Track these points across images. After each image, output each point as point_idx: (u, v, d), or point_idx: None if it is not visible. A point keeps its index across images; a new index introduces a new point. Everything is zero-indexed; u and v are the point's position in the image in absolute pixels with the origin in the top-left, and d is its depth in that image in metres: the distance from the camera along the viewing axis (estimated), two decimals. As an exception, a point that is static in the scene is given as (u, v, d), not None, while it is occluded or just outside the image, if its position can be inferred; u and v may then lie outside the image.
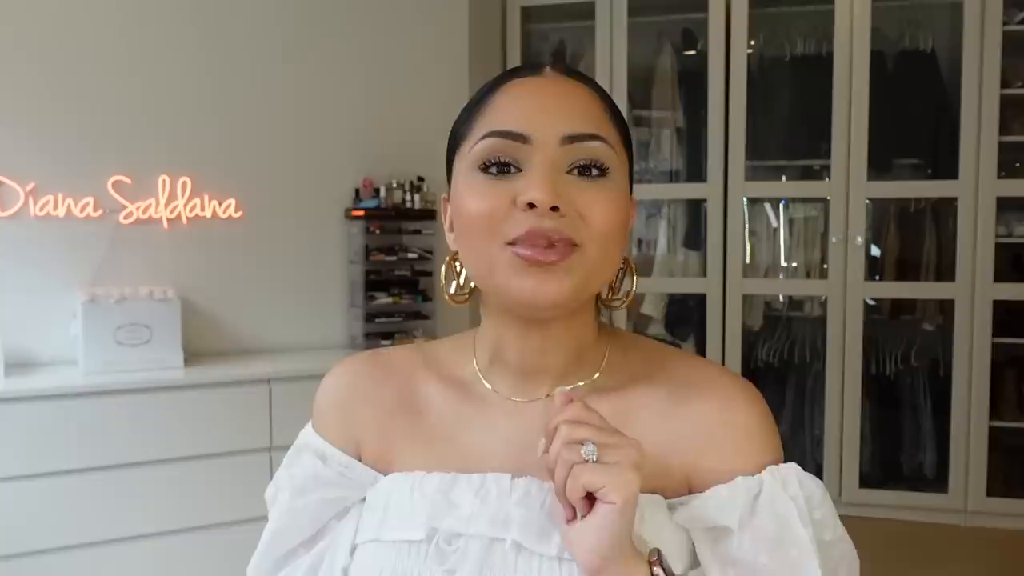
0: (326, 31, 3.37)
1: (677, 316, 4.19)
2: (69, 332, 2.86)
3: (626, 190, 0.76)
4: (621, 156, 0.75)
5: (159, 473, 2.70)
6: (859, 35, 3.67)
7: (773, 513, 0.72)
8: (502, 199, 0.71)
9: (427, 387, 0.84)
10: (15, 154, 2.88)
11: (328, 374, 0.88)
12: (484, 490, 0.76)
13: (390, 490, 0.80)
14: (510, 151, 0.72)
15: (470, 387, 0.82)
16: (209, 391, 2.78)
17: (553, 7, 4.01)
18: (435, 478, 0.78)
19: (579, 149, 0.72)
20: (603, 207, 0.71)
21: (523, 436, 0.78)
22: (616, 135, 0.75)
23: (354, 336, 3.40)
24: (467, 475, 0.78)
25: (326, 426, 0.86)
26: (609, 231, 0.72)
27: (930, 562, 3.35)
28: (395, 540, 0.77)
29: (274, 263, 3.30)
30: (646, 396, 0.78)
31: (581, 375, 0.80)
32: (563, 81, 0.76)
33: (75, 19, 2.96)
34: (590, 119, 0.73)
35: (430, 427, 0.82)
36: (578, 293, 0.72)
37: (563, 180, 0.71)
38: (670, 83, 4.11)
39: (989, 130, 3.60)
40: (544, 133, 0.71)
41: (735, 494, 0.73)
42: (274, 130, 3.29)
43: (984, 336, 3.66)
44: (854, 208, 3.74)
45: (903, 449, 4.02)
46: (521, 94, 0.74)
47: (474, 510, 0.75)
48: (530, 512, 0.73)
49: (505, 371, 0.80)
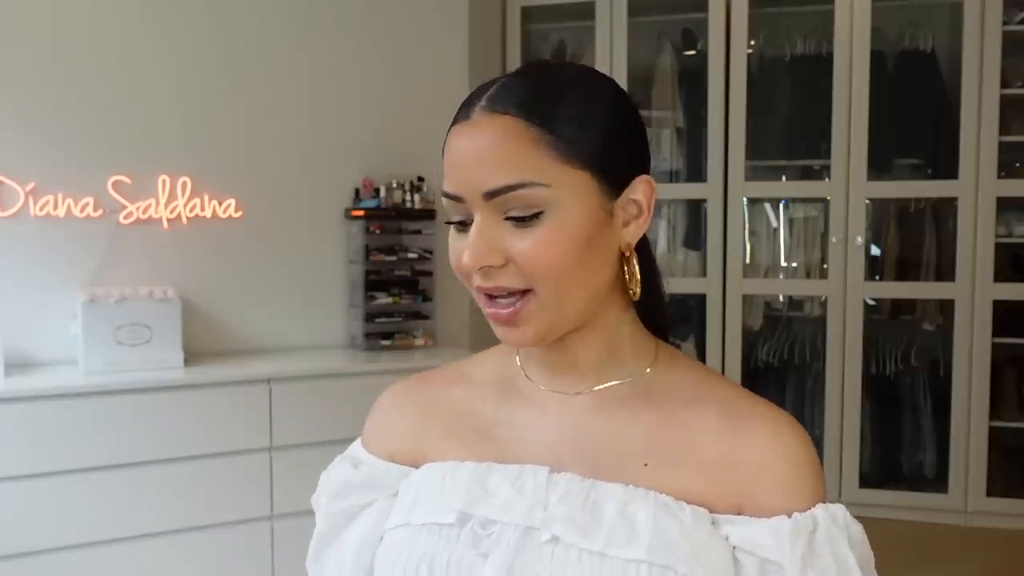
0: (326, 31, 3.37)
1: (677, 316, 4.19)
2: (69, 332, 2.86)
3: (576, 215, 0.72)
4: (566, 182, 0.71)
5: (159, 473, 2.70)
6: (859, 35, 3.67)
7: (832, 552, 0.73)
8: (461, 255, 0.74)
9: (465, 391, 0.86)
10: (15, 154, 2.88)
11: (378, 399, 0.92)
12: (521, 480, 0.76)
13: (421, 478, 0.81)
14: (459, 209, 0.74)
15: (511, 383, 0.84)
16: (209, 391, 2.78)
17: (553, 7, 4.01)
18: (469, 466, 0.79)
19: (505, 201, 0.71)
20: (536, 249, 0.71)
21: (561, 430, 0.79)
22: (552, 162, 0.71)
23: (354, 336, 3.40)
24: (502, 465, 0.78)
25: (367, 440, 0.90)
26: (553, 266, 0.71)
27: (930, 562, 3.35)
28: (425, 523, 0.77)
29: (274, 263, 3.30)
30: (697, 412, 0.77)
31: (622, 372, 0.80)
32: (486, 122, 0.72)
33: (75, 19, 2.96)
34: (510, 167, 0.70)
35: (466, 424, 0.83)
36: (548, 332, 0.75)
37: (500, 232, 0.72)
38: (670, 83, 4.11)
39: (989, 130, 3.60)
40: (470, 192, 0.72)
41: (794, 530, 0.72)
42: (274, 130, 3.29)
43: (984, 336, 3.66)
44: (854, 208, 3.74)
45: (903, 449, 4.02)
46: (453, 148, 0.74)
47: (510, 498, 0.75)
48: (571, 509, 0.73)
49: (542, 368, 0.82)
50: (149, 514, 2.69)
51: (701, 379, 0.81)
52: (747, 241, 3.97)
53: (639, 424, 0.78)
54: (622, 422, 0.78)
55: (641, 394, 0.79)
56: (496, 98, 0.73)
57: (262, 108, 3.26)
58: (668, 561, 0.70)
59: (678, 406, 0.78)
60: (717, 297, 3.90)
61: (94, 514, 2.61)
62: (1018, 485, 3.77)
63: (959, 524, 3.72)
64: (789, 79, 3.97)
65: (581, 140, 0.72)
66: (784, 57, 3.99)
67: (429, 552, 0.76)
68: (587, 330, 0.78)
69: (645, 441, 0.77)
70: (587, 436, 0.78)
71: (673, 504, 0.73)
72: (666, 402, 0.78)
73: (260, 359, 3.10)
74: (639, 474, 0.75)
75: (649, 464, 0.76)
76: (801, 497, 0.74)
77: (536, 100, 0.72)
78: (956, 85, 3.67)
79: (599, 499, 0.74)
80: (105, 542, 2.63)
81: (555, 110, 0.72)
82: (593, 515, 0.73)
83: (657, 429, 0.77)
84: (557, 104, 0.73)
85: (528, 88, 0.74)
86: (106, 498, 2.63)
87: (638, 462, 0.76)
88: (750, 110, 3.80)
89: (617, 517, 0.72)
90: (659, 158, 4.17)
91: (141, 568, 2.68)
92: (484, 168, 0.71)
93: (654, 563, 0.70)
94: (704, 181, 3.89)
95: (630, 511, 0.72)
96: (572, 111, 0.73)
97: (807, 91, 3.90)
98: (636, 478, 0.75)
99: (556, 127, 0.72)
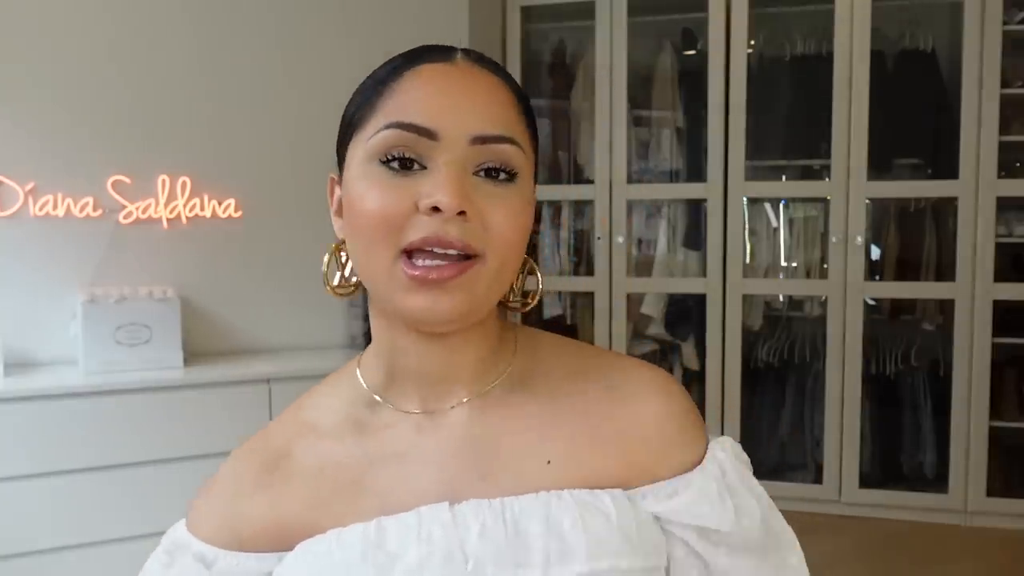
0: (326, 31, 3.37)
1: (677, 316, 4.18)
2: (69, 332, 2.86)
3: (532, 194, 0.71)
4: (530, 157, 0.70)
5: (159, 473, 2.70)
6: (859, 35, 3.67)
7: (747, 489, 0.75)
8: (403, 200, 0.65)
9: (317, 443, 0.74)
10: (15, 154, 2.88)
11: (211, 477, 0.79)
12: (424, 529, 0.67)
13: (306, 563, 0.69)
14: (415, 146, 0.66)
15: (366, 418, 0.74)
16: (209, 391, 2.78)
17: (553, 7, 4.01)
18: (356, 530, 0.68)
19: (488, 151, 0.66)
20: (508, 215, 0.66)
21: (444, 451, 0.71)
22: (526, 135, 0.70)
23: (354, 336, 3.40)
24: (393, 517, 0.68)
25: (201, 528, 0.76)
26: (512, 240, 0.67)
27: (930, 562, 3.35)
28: None
29: (274, 263, 3.30)
30: (581, 391, 0.74)
31: (495, 370, 0.74)
32: (476, 72, 0.69)
33: (75, 19, 2.96)
34: (502, 118, 0.68)
35: (332, 480, 0.72)
36: (474, 310, 0.68)
37: (470, 182, 0.66)
38: (670, 83, 4.11)
39: (989, 130, 3.60)
40: (453, 131, 0.65)
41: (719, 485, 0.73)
42: (274, 130, 3.29)
43: (984, 336, 3.66)
44: (854, 208, 3.74)
45: (903, 449, 4.02)
46: (430, 82, 0.67)
47: (421, 555, 0.66)
48: (494, 543, 0.67)
49: (407, 384, 0.73)
50: (149, 514, 2.69)
51: (570, 354, 0.77)
52: (747, 241, 3.97)
53: (525, 420, 0.72)
54: (507, 423, 0.72)
55: (516, 388, 0.74)
56: (477, 56, 0.71)
57: (262, 108, 3.26)
58: (608, 564, 0.67)
59: (557, 389, 0.74)
60: (717, 297, 3.90)
61: (94, 514, 2.61)
62: (1018, 485, 3.77)
63: (959, 524, 3.72)
64: (789, 79, 3.96)
65: (535, 130, 0.73)
66: (784, 57, 3.99)
67: None
68: (472, 336, 0.72)
69: (538, 436, 0.72)
70: (475, 449, 0.71)
71: (592, 498, 0.69)
72: (545, 389, 0.74)
73: (260, 359, 3.10)
74: (544, 474, 0.70)
75: (552, 460, 0.71)
76: (697, 444, 0.75)
77: (502, 68, 0.73)
78: (956, 85, 3.67)
79: (518, 520, 0.67)
80: (105, 542, 2.63)
81: (517, 84, 0.73)
82: (519, 541, 0.67)
83: (546, 420, 0.72)
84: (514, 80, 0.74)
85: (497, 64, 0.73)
86: (106, 498, 2.63)
87: (539, 461, 0.71)
88: (750, 110, 3.80)
89: (544, 534, 0.67)
90: (659, 158, 4.17)
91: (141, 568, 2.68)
92: (479, 111, 0.67)
93: (595, 571, 0.67)
94: (704, 181, 3.89)
95: (554, 521, 0.67)
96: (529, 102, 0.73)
97: (807, 91, 3.90)
98: (544, 480, 0.70)
99: (525, 101, 0.72)
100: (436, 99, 0.66)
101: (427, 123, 0.66)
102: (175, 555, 0.75)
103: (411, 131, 0.66)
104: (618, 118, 3.91)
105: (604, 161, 3.96)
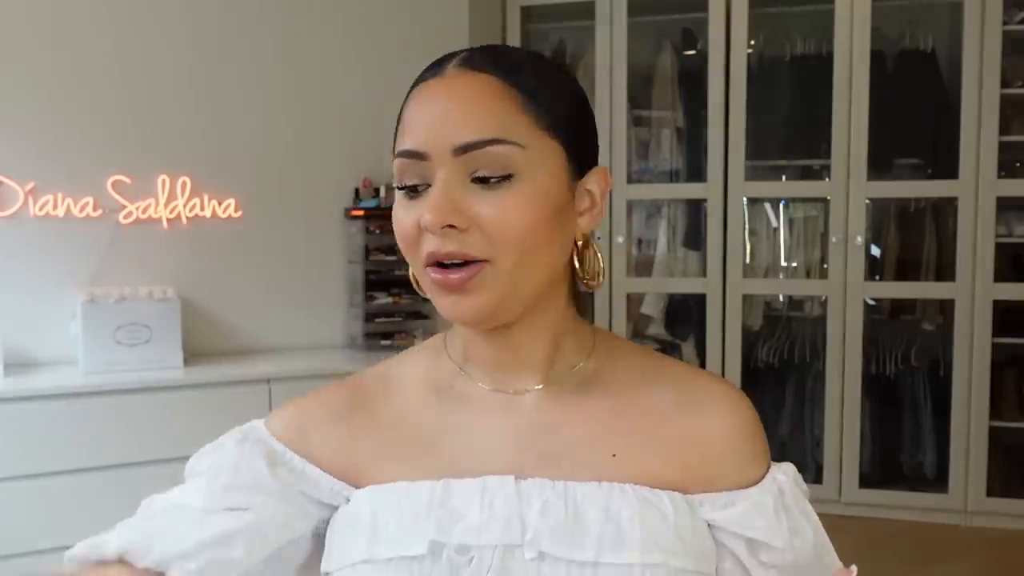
0: (326, 31, 3.37)
1: (677, 316, 4.18)
2: (69, 332, 2.86)
3: (546, 184, 0.69)
4: (538, 147, 0.69)
5: (159, 473, 2.70)
6: (859, 35, 3.67)
7: (803, 514, 0.77)
8: (412, 220, 0.69)
9: (398, 400, 0.78)
10: (15, 154, 2.88)
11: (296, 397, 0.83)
12: (488, 495, 0.70)
13: (372, 505, 0.73)
14: (416, 170, 0.69)
15: (448, 387, 0.78)
16: (209, 391, 2.78)
17: (553, 7, 4.01)
18: (424, 487, 0.72)
19: (476, 158, 0.67)
20: (505, 216, 0.67)
21: (515, 431, 0.74)
22: (526, 125, 0.69)
23: (354, 336, 3.40)
24: (461, 480, 0.72)
25: (279, 429, 0.79)
26: (519, 236, 0.68)
27: (930, 562, 3.35)
28: (392, 558, 0.70)
29: (274, 263, 3.30)
30: (654, 395, 0.76)
31: (567, 365, 0.77)
32: (463, 79, 0.70)
33: (75, 19, 2.96)
34: (485, 121, 0.68)
35: (406, 437, 0.76)
36: (501, 307, 0.70)
37: (464, 192, 0.68)
38: (670, 83, 4.11)
39: (989, 130, 3.60)
40: (438, 147, 0.68)
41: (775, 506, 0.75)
42: (274, 130, 3.29)
43: (984, 336, 3.66)
44: (854, 208, 3.74)
45: (903, 449, 4.02)
46: (419, 103, 0.71)
47: (483, 518, 0.69)
48: (555, 521, 0.69)
49: (481, 366, 0.77)
50: (149, 514, 2.69)
51: (646, 360, 0.79)
52: (747, 241, 3.97)
53: (595, 414, 0.75)
54: (577, 414, 0.75)
55: (588, 384, 0.77)
56: (471, 58, 0.72)
57: (262, 108, 3.26)
58: (660, 559, 0.69)
59: (630, 390, 0.76)
60: (717, 297, 3.90)
61: (94, 514, 2.60)
62: (1018, 485, 3.77)
63: (959, 524, 3.72)
64: (789, 79, 3.96)
65: (555, 109, 0.71)
66: (784, 57, 3.99)
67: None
68: (534, 324, 0.74)
69: (605, 430, 0.74)
70: (544, 434, 0.74)
71: (652, 496, 0.72)
72: (617, 388, 0.76)
73: (260, 359, 3.10)
74: (608, 466, 0.73)
75: (617, 454, 0.73)
76: (760, 463, 0.77)
77: (514, 64, 0.71)
78: (956, 85, 3.66)
79: (579, 503, 0.70)
80: (105, 542, 2.63)
81: (532, 76, 0.71)
82: (577, 522, 0.69)
83: (615, 416, 0.75)
84: (534, 71, 0.72)
85: (504, 53, 0.73)
86: (106, 498, 2.63)
87: (604, 453, 0.73)
88: (750, 110, 3.80)
89: (602, 520, 0.69)
90: (659, 158, 4.17)
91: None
92: (456, 122, 0.68)
93: (647, 563, 0.68)
94: (704, 181, 3.89)
95: (613, 511, 0.70)
96: (547, 79, 0.72)
97: (807, 91, 3.90)
98: (606, 471, 0.72)
99: (533, 91, 0.70)
100: (422, 119, 0.69)
101: (417, 146, 0.69)
102: (249, 436, 0.78)
103: (408, 157, 0.70)
104: (618, 118, 3.91)
105: (604, 161, 3.94)
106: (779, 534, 0.74)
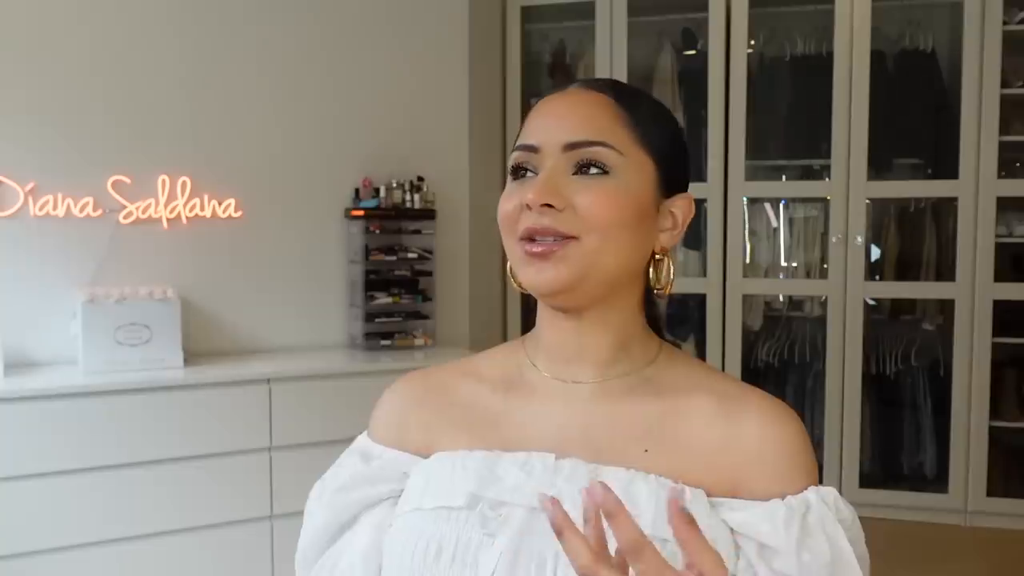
0: (326, 31, 3.37)
1: (677, 316, 4.19)
2: (69, 332, 2.86)
3: (636, 188, 0.80)
4: (634, 158, 0.80)
5: (159, 473, 2.70)
6: (859, 35, 3.67)
7: (825, 533, 0.77)
8: (516, 202, 0.80)
9: (473, 385, 0.89)
10: (15, 154, 2.88)
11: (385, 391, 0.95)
12: (529, 465, 0.79)
13: (432, 465, 0.84)
14: (528, 160, 0.81)
15: (517, 374, 0.87)
16: (209, 391, 2.78)
17: (553, 7, 4.01)
18: (479, 454, 0.82)
19: (580, 153, 0.79)
20: (596, 200, 0.78)
21: (567, 418, 0.82)
22: (627, 139, 0.80)
23: (354, 336, 3.40)
24: (511, 452, 0.81)
25: (376, 431, 0.92)
26: (607, 222, 0.78)
27: (930, 562, 3.35)
28: (435, 507, 0.80)
29: (274, 263, 3.30)
30: (696, 402, 0.82)
31: (627, 366, 0.84)
32: (581, 94, 0.83)
33: (75, 19, 2.96)
34: (593, 127, 0.80)
35: (475, 415, 0.87)
36: (577, 283, 0.78)
37: (566, 181, 0.79)
38: (670, 83, 4.11)
39: (989, 130, 3.60)
40: (549, 142, 0.80)
41: (788, 514, 0.76)
42: (274, 130, 3.29)
43: (984, 336, 3.66)
44: (854, 208, 3.74)
45: (903, 449, 4.02)
46: (540, 111, 0.83)
47: (519, 481, 0.78)
48: (577, 489, 0.75)
49: (550, 355, 0.85)
50: (149, 514, 2.69)
51: (700, 372, 0.86)
52: (747, 241, 3.97)
53: (641, 414, 0.82)
54: (625, 411, 0.82)
55: (644, 387, 0.83)
56: (591, 81, 0.86)
57: (262, 108, 3.26)
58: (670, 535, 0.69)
59: (678, 397, 0.82)
60: (717, 297, 3.90)
61: (94, 514, 2.61)
62: (1018, 485, 3.77)
63: (959, 524, 3.72)
64: (789, 79, 3.97)
65: (654, 133, 0.83)
66: (784, 57, 3.99)
67: (438, 534, 0.78)
68: (603, 318, 0.83)
69: (646, 430, 0.81)
70: (591, 424, 0.82)
71: (674, 486, 0.76)
72: (668, 394, 0.83)
73: (260, 359, 3.10)
74: (639, 459, 0.79)
75: (649, 450, 0.80)
76: (794, 481, 0.79)
77: (625, 90, 0.85)
78: (956, 85, 3.67)
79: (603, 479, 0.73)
80: (105, 542, 2.63)
81: (639, 103, 0.84)
82: None
83: (658, 419, 0.81)
84: (642, 101, 0.85)
85: (619, 83, 0.87)
86: (105, 498, 2.63)
87: (639, 449, 0.80)
88: (750, 110, 3.80)
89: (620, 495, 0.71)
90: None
91: (141, 568, 2.68)
92: (569, 124, 0.80)
93: (656, 537, 0.70)
94: (704, 181, 3.89)
95: (632, 490, 0.75)
96: (652, 110, 0.85)
97: (807, 91, 3.90)
98: (637, 463, 0.79)
99: (638, 115, 0.82)
100: (541, 121, 0.82)
101: (530, 140, 0.82)
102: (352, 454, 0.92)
103: (523, 149, 0.82)
104: (618, 118, 3.90)
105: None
106: (786, 543, 0.75)
